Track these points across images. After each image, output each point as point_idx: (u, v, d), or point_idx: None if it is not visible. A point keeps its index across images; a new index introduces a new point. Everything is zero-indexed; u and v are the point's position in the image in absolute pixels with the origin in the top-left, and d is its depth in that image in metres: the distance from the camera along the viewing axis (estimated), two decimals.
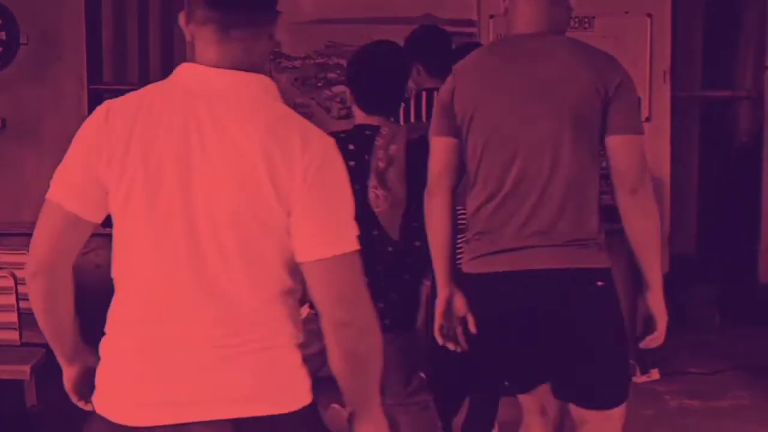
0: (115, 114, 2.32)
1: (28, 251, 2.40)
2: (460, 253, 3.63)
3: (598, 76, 3.32)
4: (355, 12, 7.07)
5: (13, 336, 4.34)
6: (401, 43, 6.21)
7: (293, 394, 2.33)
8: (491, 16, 7.10)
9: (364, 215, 2.56)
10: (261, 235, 2.28)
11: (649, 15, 7.03)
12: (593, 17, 6.79)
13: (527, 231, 3.36)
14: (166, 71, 6.94)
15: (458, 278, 3.53)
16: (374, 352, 2.37)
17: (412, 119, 5.39)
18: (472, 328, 3.50)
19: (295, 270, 2.34)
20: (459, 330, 3.54)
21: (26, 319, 3.95)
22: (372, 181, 3.92)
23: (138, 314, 2.32)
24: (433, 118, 3.57)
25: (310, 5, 7.22)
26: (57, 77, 6.94)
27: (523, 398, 3.65)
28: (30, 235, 2.40)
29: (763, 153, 7.75)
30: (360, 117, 4.09)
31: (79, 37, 7.01)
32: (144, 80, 7.10)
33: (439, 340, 3.61)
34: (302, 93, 7.34)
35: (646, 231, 3.37)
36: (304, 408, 2.33)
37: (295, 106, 7.43)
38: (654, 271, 3.39)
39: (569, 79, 3.34)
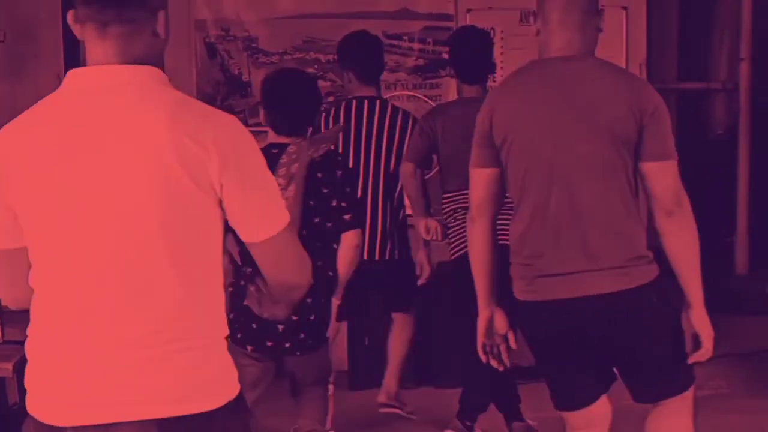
0: (7, 140, 2.34)
1: None
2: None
3: (634, 100, 3.40)
4: (332, 7, 7.07)
5: None
6: (380, 35, 6.23)
7: (219, 390, 2.36)
8: (468, 11, 7.13)
9: None
10: (184, 226, 2.28)
11: (624, 7, 7.06)
12: None
13: (579, 255, 3.42)
14: None
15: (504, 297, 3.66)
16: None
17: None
18: (513, 345, 3.65)
19: (220, 257, 2.38)
20: (503, 347, 3.66)
21: (8, 317, 3.94)
22: None
23: (61, 318, 2.32)
24: (473, 148, 3.62)
25: (287, 1, 7.21)
26: (34, 74, 6.91)
27: (572, 414, 3.68)
28: None
29: (739, 145, 7.80)
30: (272, 136, 4.21)
31: (56, 33, 6.99)
32: None
33: (483, 358, 3.72)
34: None
35: (685, 251, 3.47)
36: (230, 402, 2.36)
37: None
38: (695, 289, 3.49)
39: (607, 101, 3.41)
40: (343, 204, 4.21)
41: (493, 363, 3.72)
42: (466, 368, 5.06)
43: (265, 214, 2.37)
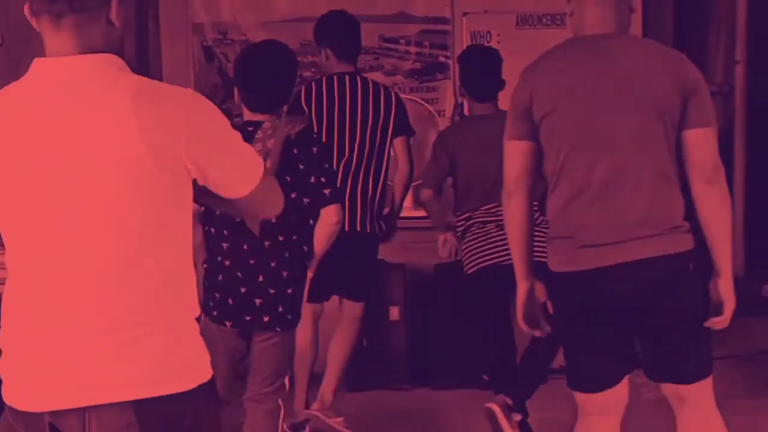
0: None
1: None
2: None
3: (676, 73, 3.48)
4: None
5: None
6: (377, 38, 6.23)
7: (192, 373, 2.38)
8: (464, 14, 7.14)
9: None
10: (155, 212, 2.30)
11: None
12: (565, 14, 6.80)
13: (624, 223, 3.47)
14: (141, 67, 6.94)
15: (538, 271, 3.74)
16: None
17: (325, 104, 5.41)
18: (551, 310, 3.69)
19: (190, 236, 2.41)
20: (539, 314, 3.73)
21: None
22: None
23: (33, 304, 2.34)
24: (508, 121, 3.65)
25: (284, 4, 7.22)
26: None
27: (591, 397, 3.68)
28: None
29: (735, 147, 7.82)
30: (247, 115, 4.21)
31: None
32: None
33: (524, 328, 3.80)
34: None
35: (720, 220, 3.55)
36: (202, 385, 2.38)
37: None
38: (726, 258, 3.57)
39: (650, 75, 3.47)
40: (323, 179, 4.21)
41: (536, 332, 3.79)
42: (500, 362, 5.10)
43: (242, 172, 2.45)
